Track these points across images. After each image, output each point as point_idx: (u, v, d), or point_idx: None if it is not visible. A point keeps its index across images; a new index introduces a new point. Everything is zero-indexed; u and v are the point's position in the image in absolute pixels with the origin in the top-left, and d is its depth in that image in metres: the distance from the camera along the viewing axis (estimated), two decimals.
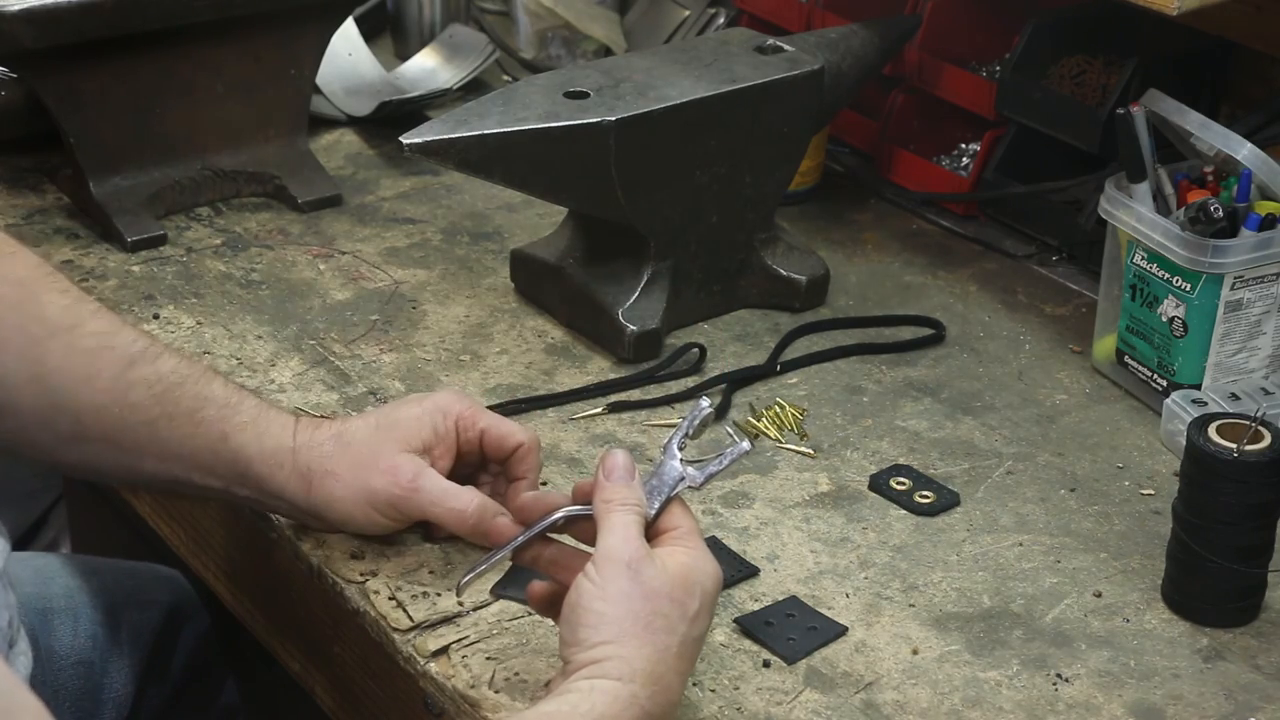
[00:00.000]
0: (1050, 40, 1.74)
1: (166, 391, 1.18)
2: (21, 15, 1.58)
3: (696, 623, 1.04)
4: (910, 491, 1.37)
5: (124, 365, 1.18)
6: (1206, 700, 1.16)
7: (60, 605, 1.46)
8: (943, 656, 1.20)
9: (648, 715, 1.01)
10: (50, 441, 1.19)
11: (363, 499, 1.19)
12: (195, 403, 1.19)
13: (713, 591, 1.06)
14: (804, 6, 1.91)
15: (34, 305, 1.18)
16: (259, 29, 1.75)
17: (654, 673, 1.02)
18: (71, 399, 1.17)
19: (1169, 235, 1.42)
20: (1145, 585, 1.27)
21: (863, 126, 1.91)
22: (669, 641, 1.03)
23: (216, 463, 1.20)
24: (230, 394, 1.21)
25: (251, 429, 1.20)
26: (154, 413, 1.18)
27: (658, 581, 1.03)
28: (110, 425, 1.18)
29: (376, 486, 1.19)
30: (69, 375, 1.17)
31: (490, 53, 2.08)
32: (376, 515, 1.20)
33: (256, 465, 1.19)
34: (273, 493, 1.20)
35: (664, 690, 1.02)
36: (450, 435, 1.22)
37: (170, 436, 1.18)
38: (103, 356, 1.18)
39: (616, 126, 1.45)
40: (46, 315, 1.18)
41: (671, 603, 1.03)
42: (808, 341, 1.59)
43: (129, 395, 1.17)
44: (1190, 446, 1.21)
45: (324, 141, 1.94)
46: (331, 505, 1.20)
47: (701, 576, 1.05)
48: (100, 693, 1.45)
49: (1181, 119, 1.46)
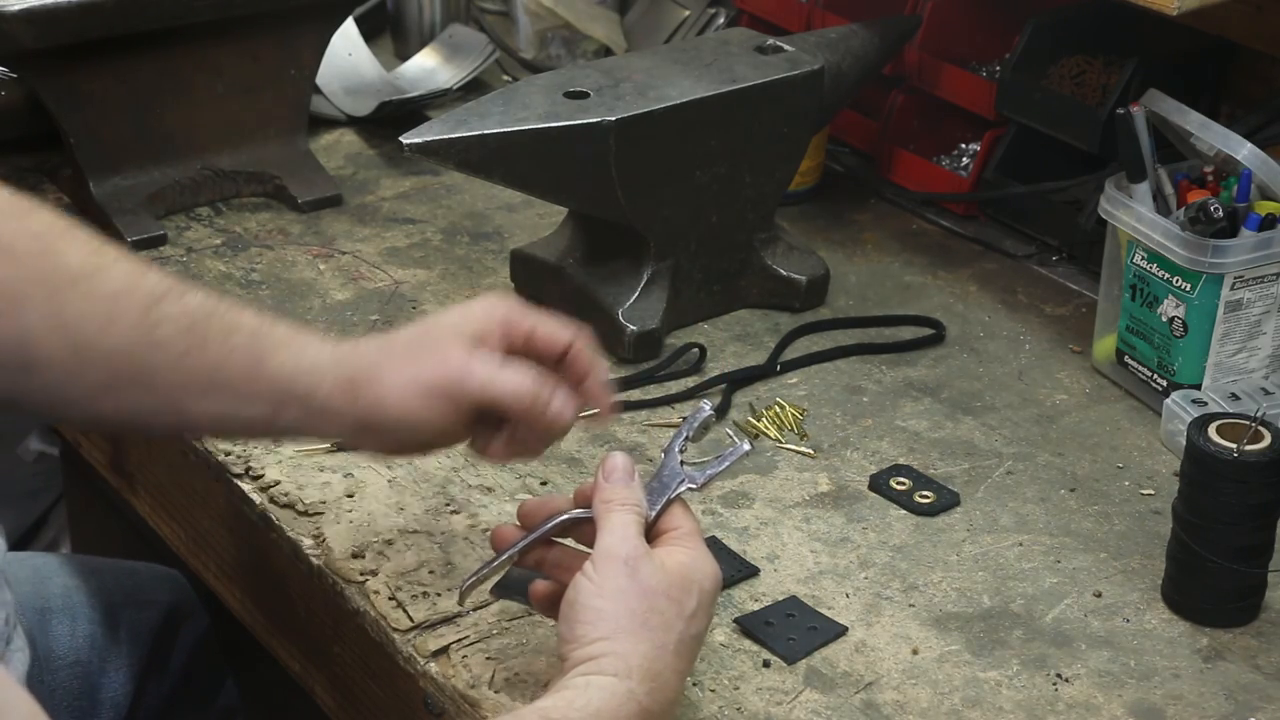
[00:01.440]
0: (1050, 40, 1.74)
1: (194, 325, 1.14)
2: (21, 15, 1.58)
3: (694, 621, 1.05)
4: (910, 491, 1.37)
5: (148, 304, 1.14)
6: (1206, 700, 1.16)
7: (58, 605, 1.46)
8: (943, 656, 1.20)
9: (645, 711, 1.01)
10: (83, 395, 1.15)
11: (412, 393, 1.13)
12: (225, 331, 1.15)
13: (711, 591, 1.06)
14: (804, 6, 1.91)
15: (53, 256, 1.15)
16: (259, 29, 1.75)
17: (651, 669, 1.02)
18: (96, 346, 1.13)
19: (1169, 235, 1.42)
20: (1145, 585, 1.27)
21: (863, 126, 1.92)
22: (666, 639, 1.03)
23: (256, 389, 1.14)
24: (261, 321, 1.17)
25: (287, 349, 1.15)
26: (182, 346, 1.13)
27: (655, 579, 1.04)
28: (140, 367, 1.14)
29: (427, 376, 1.13)
30: (91, 321, 1.13)
31: (490, 53, 2.08)
32: (428, 411, 1.13)
33: (298, 382, 1.14)
34: (317, 409, 1.15)
35: (661, 687, 1.02)
36: (494, 336, 1.16)
37: (203, 368, 1.14)
38: (125, 299, 1.15)
39: (616, 126, 1.45)
40: (67, 264, 1.15)
41: (669, 600, 1.03)
42: (808, 341, 1.59)
43: (155, 333, 1.13)
44: (1190, 446, 1.21)
45: (324, 141, 1.94)
46: (381, 406, 1.14)
47: (700, 576, 1.06)
48: (98, 693, 1.45)
49: (1181, 119, 1.46)
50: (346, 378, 1.14)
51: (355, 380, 1.13)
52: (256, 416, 1.15)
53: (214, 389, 1.14)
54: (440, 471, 1.37)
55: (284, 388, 1.14)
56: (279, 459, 1.38)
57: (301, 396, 1.14)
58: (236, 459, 1.38)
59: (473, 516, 1.32)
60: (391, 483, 1.36)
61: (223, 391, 1.14)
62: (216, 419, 1.16)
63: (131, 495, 1.62)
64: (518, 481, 1.36)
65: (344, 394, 1.13)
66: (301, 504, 1.33)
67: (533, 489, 1.36)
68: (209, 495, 1.43)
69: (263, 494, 1.35)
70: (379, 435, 1.16)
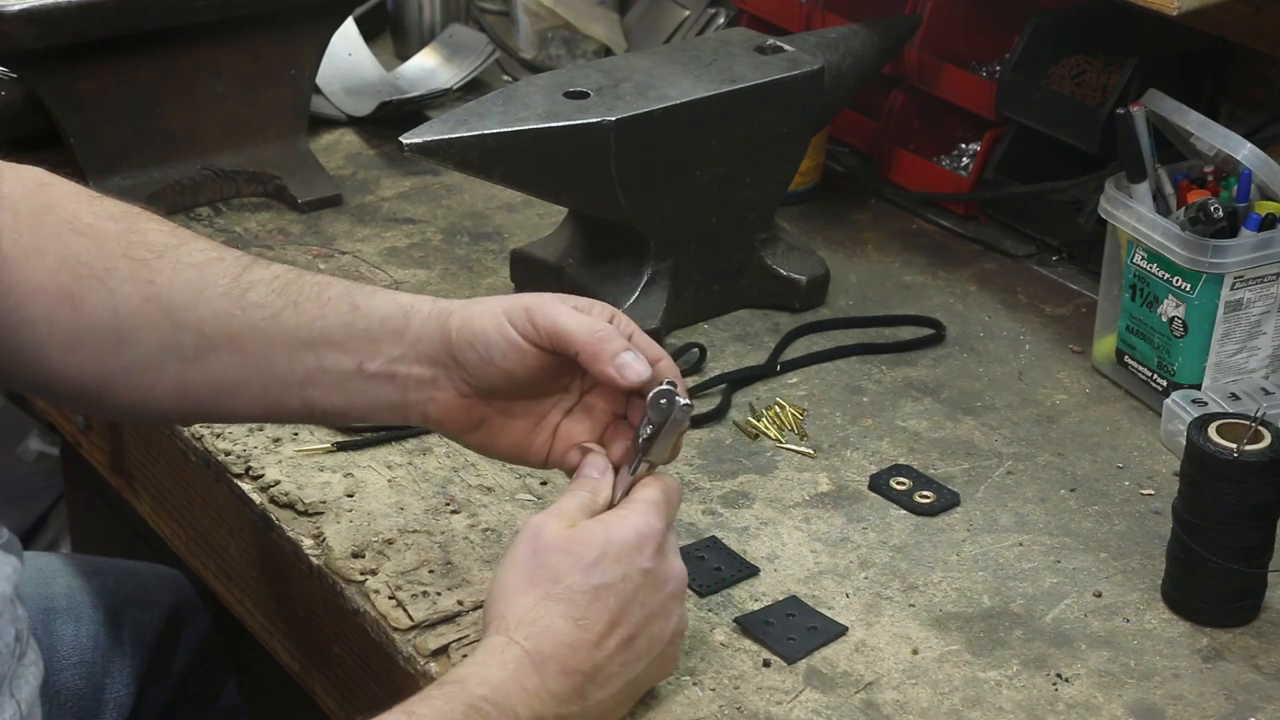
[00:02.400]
0: (1050, 40, 1.74)
1: (285, 286, 1.16)
2: (21, 15, 1.58)
3: (596, 570, 1.05)
4: (910, 491, 1.37)
5: (237, 271, 1.17)
6: (1206, 700, 1.16)
7: (62, 605, 1.46)
8: (943, 656, 1.20)
9: (528, 653, 1.03)
10: (177, 364, 1.16)
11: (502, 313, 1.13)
12: (318, 288, 1.16)
13: (625, 542, 1.06)
14: (804, 6, 1.91)
15: (135, 234, 1.18)
16: (259, 29, 1.75)
17: (528, 616, 1.04)
18: (190, 312, 1.15)
19: (1169, 235, 1.42)
20: (1145, 585, 1.27)
21: (863, 126, 1.92)
22: (552, 588, 1.05)
23: (349, 336, 1.15)
24: (348, 281, 1.19)
25: (384, 294, 1.17)
26: (277, 305, 1.15)
27: (555, 539, 1.06)
28: (234, 329, 1.15)
29: (518, 301, 1.14)
30: (182, 289, 1.15)
31: (490, 53, 2.08)
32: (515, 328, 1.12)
33: (394, 317, 1.15)
34: (411, 339, 1.14)
35: (544, 630, 1.03)
36: None
37: (298, 323, 1.15)
38: (213, 268, 1.17)
39: (616, 126, 1.45)
40: (149, 240, 1.17)
41: (563, 554, 1.05)
42: (808, 341, 1.59)
43: (248, 296, 1.15)
44: (1190, 446, 1.21)
45: (324, 141, 1.94)
46: (470, 324, 1.13)
47: (614, 531, 1.07)
48: (101, 693, 1.45)
49: (1181, 119, 1.46)
50: (441, 311, 1.15)
51: (448, 309, 1.15)
52: (348, 368, 1.15)
53: (309, 344, 1.15)
54: (440, 471, 1.37)
55: (377, 327, 1.15)
56: (279, 459, 1.38)
57: (397, 330, 1.14)
58: (236, 459, 1.38)
59: (473, 516, 1.32)
60: (391, 483, 1.36)
61: (317, 345, 1.15)
62: (303, 380, 1.16)
63: (131, 495, 1.62)
64: (518, 481, 1.36)
65: (437, 319, 1.14)
66: (301, 504, 1.33)
67: (533, 489, 1.36)
68: (209, 495, 1.43)
69: (263, 494, 1.35)
70: (463, 365, 1.14)
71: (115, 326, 1.15)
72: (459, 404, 1.16)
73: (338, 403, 1.17)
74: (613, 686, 1.07)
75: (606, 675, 1.06)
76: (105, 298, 1.15)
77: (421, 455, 1.39)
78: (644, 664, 1.08)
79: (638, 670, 1.08)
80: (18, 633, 1.11)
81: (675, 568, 1.10)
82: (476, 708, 1.00)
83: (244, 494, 1.35)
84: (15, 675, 1.11)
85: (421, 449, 1.40)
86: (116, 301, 1.15)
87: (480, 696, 1.01)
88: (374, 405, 1.17)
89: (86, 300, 1.15)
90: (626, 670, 1.07)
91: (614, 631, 1.06)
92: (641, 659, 1.08)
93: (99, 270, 1.15)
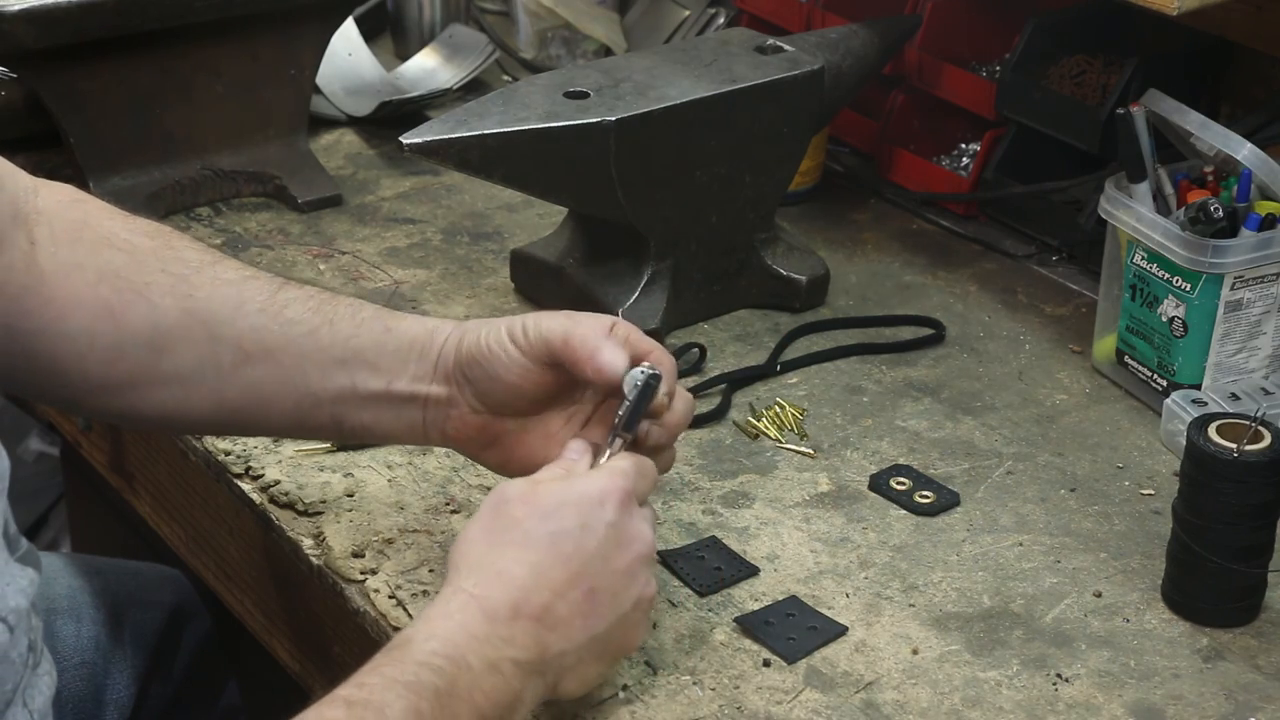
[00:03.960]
0: (1050, 40, 1.74)
1: (321, 305, 1.19)
2: (21, 15, 1.58)
3: (554, 518, 1.04)
4: (910, 491, 1.37)
5: (274, 288, 1.19)
6: (1206, 700, 1.16)
7: (63, 606, 1.46)
8: (943, 656, 1.20)
9: (474, 599, 1.02)
10: (214, 377, 1.18)
11: (504, 329, 1.15)
12: (353, 308, 1.19)
13: (590, 494, 1.06)
14: (804, 6, 1.91)
15: (171, 250, 1.20)
16: (259, 29, 1.75)
17: (480, 562, 1.03)
18: (228, 326, 1.17)
19: (1169, 235, 1.42)
20: (1145, 585, 1.27)
21: (863, 126, 1.92)
22: (505, 535, 1.04)
23: (380, 355, 1.18)
24: (379, 305, 1.22)
25: (414, 318, 1.20)
26: (315, 322, 1.18)
27: (516, 493, 1.06)
28: (271, 344, 1.17)
29: (518, 317, 1.16)
30: (220, 303, 1.18)
31: (490, 53, 2.08)
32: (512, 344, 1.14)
33: (420, 339, 1.18)
34: (433, 358, 1.17)
35: (495, 575, 1.02)
36: None
37: (334, 341, 1.17)
38: (250, 284, 1.19)
39: (616, 126, 1.45)
40: (185, 257, 1.19)
41: (523, 504, 1.05)
42: (808, 341, 1.59)
43: (286, 312, 1.18)
44: (1190, 446, 1.21)
45: (324, 141, 1.94)
46: (479, 341, 1.15)
47: (577, 484, 1.07)
48: (103, 694, 1.45)
49: (1181, 119, 1.46)
50: (461, 327, 1.18)
51: (465, 327, 1.17)
52: (377, 388, 1.18)
53: (342, 361, 1.18)
54: (440, 471, 1.37)
55: (408, 345, 1.18)
56: (279, 459, 1.38)
57: (423, 350, 1.17)
58: (236, 459, 1.38)
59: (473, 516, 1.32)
60: (391, 482, 1.36)
61: (350, 363, 1.18)
62: (338, 393, 1.19)
63: (131, 495, 1.62)
64: None
65: (455, 338, 1.17)
66: (301, 504, 1.33)
67: None
68: (209, 495, 1.43)
69: (263, 494, 1.35)
70: (472, 381, 1.16)
71: (155, 339, 1.17)
72: (474, 421, 1.18)
73: (365, 421, 1.19)
74: (574, 639, 1.04)
75: (566, 626, 1.03)
76: (146, 311, 1.17)
77: (421, 455, 1.39)
78: (607, 622, 1.05)
79: (600, 628, 1.05)
80: (30, 643, 1.11)
81: (643, 530, 1.08)
82: (426, 664, 0.98)
83: (244, 494, 1.35)
84: (29, 685, 1.11)
85: (421, 449, 1.40)
86: (157, 315, 1.17)
87: (429, 652, 0.99)
88: (396, 425, 1.19)
89: (127, 313, 1.17)
90: (589, 625, 1.04)
91: (574, 582, 1.04)
92: (604, 616, 1.05)
93: (138, 284, 1.17)
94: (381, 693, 0.96)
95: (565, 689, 1.06)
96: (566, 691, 1.06)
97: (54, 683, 1.16)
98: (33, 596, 1.12)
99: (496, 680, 1.00)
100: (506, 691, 1.01)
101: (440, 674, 0.98)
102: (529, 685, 1.02)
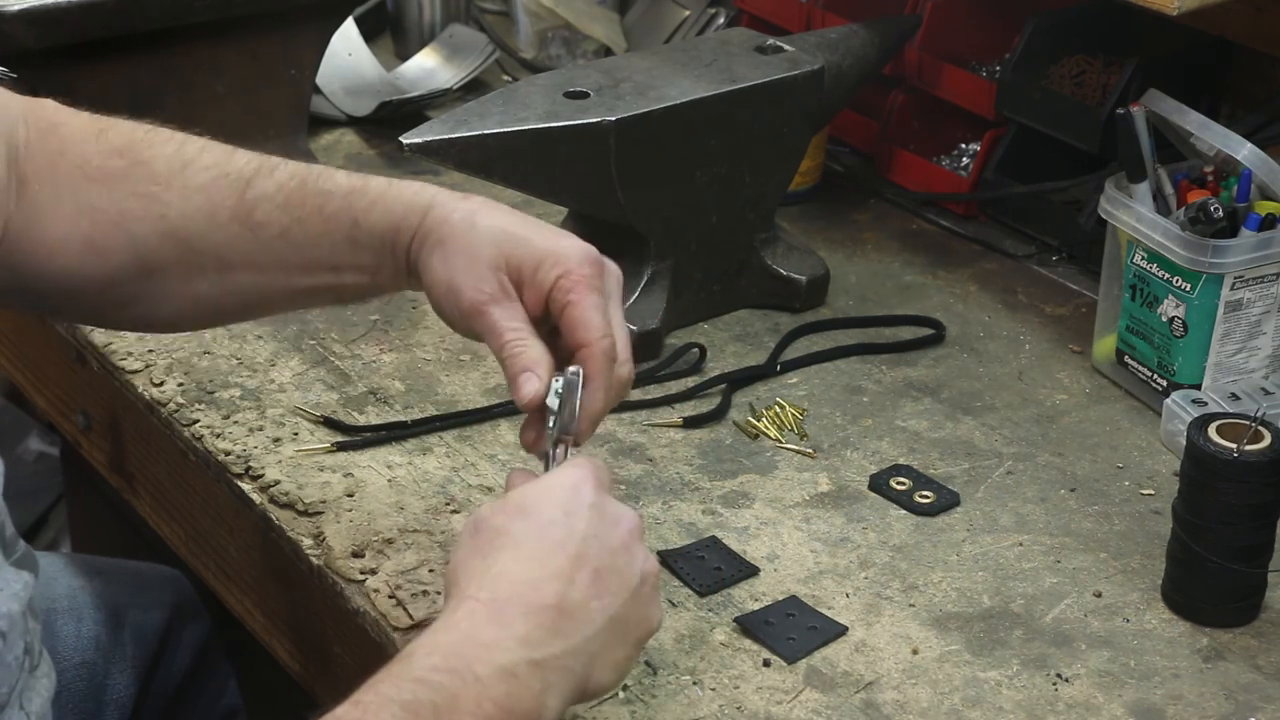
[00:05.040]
0: (1050, 40, 1.74)
1: (288, 199, 1.17)
2: (21, 15, 1.58)
3: (535, 514, 1.01)
4: (910, 491, 1.37)
5: (241, 188, 1.18)
6: (1206, 700, 1.16)
7: (64, 606, 1.46)
8: (943, 656, 1.20)
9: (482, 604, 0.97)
10: (204, 284, 1.19)
11: (445, 287, 1.13)
12: (319, 199, 1.17)
13: (561, 485, 1.03)
14: (804, 6, 1.91)
15: (141, 167, 1.19)
16: (259, 29, 1.74)
17: (479, 570, 0.99)
18: (204, 239, 1.17)
19: (1169, 235, 1.42)
20: (1145, 585, 1.27)
21: (863, 126, 1.92)
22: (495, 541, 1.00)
23: (355, 253, 1.16)
24: (354, 180, 1.18)
25: (379, 205, 1.16)
26: (284, 222, 1.17)
27: (488, 510, 1.03)
28: (248, 249, 1.17)
29: (460, 281, 1.13)
30: (193, 217, 1.17)
31: (490, 53, 2.08)
32: (451, 310, 1.14)
33: (387, 238, 1.16)
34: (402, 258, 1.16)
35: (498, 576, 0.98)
36: (544, 289, 1.13)
37: (305, 240, 1.17)
38: (218, 187, 1.18)
39: (616, 126, 1.45)
40: (155, 171, 1.19)
41: (501, 514, 1.02)
42: (808, 341, 1.59)
43: (254, 215, 1.17)
44: (1190, 446, 1.21)
45: (324, 141, 1.94)
46: (426, 273, 1.14)
47: (545, 482, 1.05)
48: (103, 694, 1.45)
49: (1181, 119, 1.46)
50: (424, 234, 1.15)
51: (425, 241, 1.15)
52: (363, 282, 1.18)
53: (319, 263, 1.17)
54: (440, 471, 1.37)
55: (377, 244, 1.16)
56: (279, 459, 1.38)
57: (392, 249, 1.16)
58: (237, 459, 1.38)
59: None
60: (391, 482, 1.36)
61: (328, 264, 1.17)
62: (326, 286, 1.19)
63: (131, 495, 1.62)
64: None
65: (417, 247, 1.15)
66: (301, 504, 1.33)
67: None
68: (209, 495, 1.43)
69: (263, 494, 1.35)
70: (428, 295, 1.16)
71: (140, 265, 1.18)
72: None
73: (366, 293, 1.22)
74: (595, 623, 0.99)
75: (583, 611, 0.99)
76: (126, 241, 1.18)
77: (421, 455, 1.39)
78: (621, 599, 1.01)
79: (616, 607, 1.00)
80: (26, 645, 1.11)
81: (624, 509, 1.05)
82: (424, 680, 0.93)
83: (244, 494, 1.35)
84: (26, 688, 1.11)
85: (421, 449, 1.40)
86: (137, 243, 1.18)
87: (429, 668, 0.94)
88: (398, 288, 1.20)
89: (108, 246, 1.18)
90: (605, 606, 1.00)
91: (578, 565, 1.00)
92: (617, 594, 1.00)
93: (114, 215, 1.18)
94: (376, 712, 0.93)
95: (599, 680, 1.01)
96: (602, 683, 1.01)
97: (53, 685, 1.16)
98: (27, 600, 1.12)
99: (511, 686, 0.95)
100: (524, 697, 0.95)
101: (439, 690, 0.93)
102: (552, 686, 0.97)
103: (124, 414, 1.56)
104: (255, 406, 1.44)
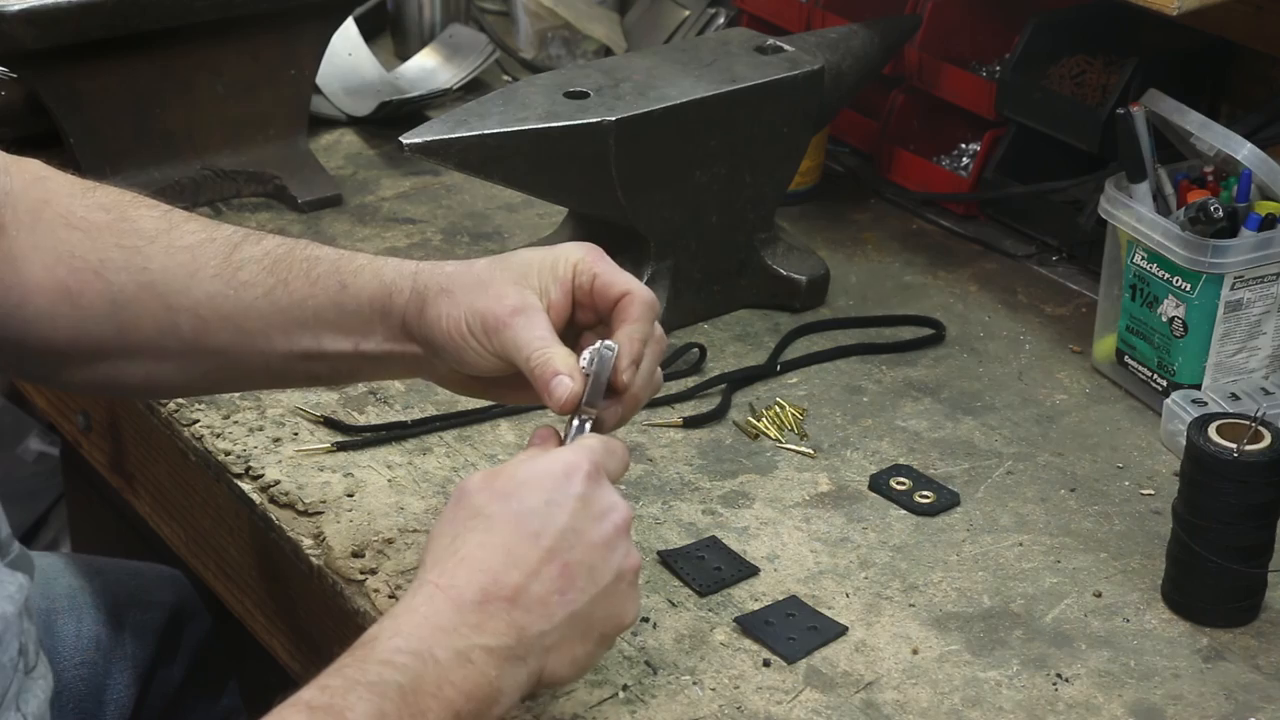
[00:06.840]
0: (1050, 40, 1.74)
1: (276, 262, 1.17)
2: (21, 15, 1.58)
3: (516, 498, 1.01)
4: (910, 491, 1.37)
5: (228, 250, 1.17)
6: (1206, 700, 1.16)
7: (64, 605, 1.46)
8: (943, 656, 1.20)
9: (440, 589, 0.98)
10: (177, 345, 1.18)
11: (464, 319, 1.11)
12: (307, 264, 1.16)
13: (553, 470, 1.03)
14: (804, 6, 1.91)
15: (126, 223, 1.19)
16: (259, 29, 1.75)
17: (445, 552, 1.00)
18: (184, 295, 1.16)
19: (1169, 235, 1.42)
20: (1145, 585, 1.27)
21: (863, 126, 1.92)
22: (469, 522, 1.01)
23: (341, 317, 1.15)
24: (341, 252, 1.18)
25: (369, 270, 1.16)
26: (269, 283, 1.16)
27: (475, 482, 1.03)
28: (228, 309, 1.16)
29: (480, 305, 1.11)
30: (175, 273, 1.17)
31: (490, 53, 2.08)
32: (474, 339, 1.11)
33: (378, 301, 1.14)
34: (396, 325, 1.14)
35: (459, 562, 0.99)
36: (568, 281, 1.13)
37: (290, 302, 1.15)
38: (204, 249, 1.18)
39: (616, 126, 1.45)
40: (141, 228, 1.18)
41: (484, 490, 1.02)
42: (808, 341, 1.59)
43: (239, 275, 1.16)
44: (1190, 446, 1.21)
45: (324, 141, 1.94)
46: (439, 323, 1.12)
47: (538, 463, 1.03)
48: (104, 694, 1.45)
49: (1181, 119, 1.46)
50: (419, 293, 1.14)
51: (425, 295, 1.13)
52: (346, 349, 1.16)
53: (301, 325, 1.16)
54: (440, 471, 1.37)
55: (366, 309, 1.15)
56: (279, 459, 1.38)
57: (381, 313, 1.15)
58: (236, 459, 1.38)
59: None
60: (391, 482, 1.36)
61: (309, 327, 1.16)
62: (304, 358, 1.17)
63: (131, 495, 1.62)
64: None
65: (415, 308, 1.13)
66: (301, 504, 1.33)
67: None
68: (209, 495, 1.43)
69: (263, 494, 1.35)
70: (446, 359, 1.14)
71: (114, 315, 1.17)
72: (457, 378, 1.16)
73: (343, 375, 1.19)
74: (553, 618, 0.99)
75: (543, 606, 0.99)
76: (103, 289, 1.17)
77: (421, 455, 1.39)
78: (588, 596, 1.01)
79: (580, 604, 1.00)
80: (21, 646, 1.11)
81: (616, 501, 1.04)
82: (389, 662, 0.95)
83: (244, 494, 1.35)
84: (23, 689, 1.11)
85: (421, 449, 1.40)
86: (113, 291, 1.17)
87: (393, 649, 0.96)
88: (379, 375, 1.19)
89: (85, 293, 1.17)
90: (567, 602, 1.00)
91: (548, 559, 1.00)
92: (583, 590, 1.00)
93: (93, 262, 1.17)
94: (343, 695, 0.94)
95: (553, 673, 1.01)
96: (556, 675, 1.02)
97: (50, 685, 1.16)
98: (22, 602, 1.12)
99: (468, 671, 0.97)
100: (481, 682, 0.97)
101: (404, 671, 0.95)
102: (506, 674, 0.99)
103: (124, 414, 1.56)
104: (255, 406, 1.44)
